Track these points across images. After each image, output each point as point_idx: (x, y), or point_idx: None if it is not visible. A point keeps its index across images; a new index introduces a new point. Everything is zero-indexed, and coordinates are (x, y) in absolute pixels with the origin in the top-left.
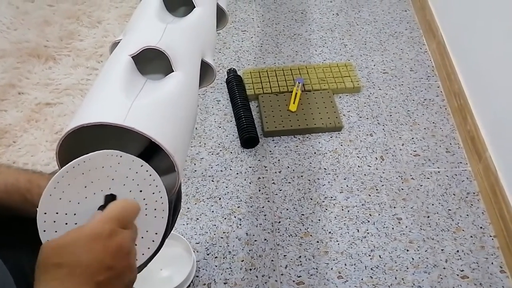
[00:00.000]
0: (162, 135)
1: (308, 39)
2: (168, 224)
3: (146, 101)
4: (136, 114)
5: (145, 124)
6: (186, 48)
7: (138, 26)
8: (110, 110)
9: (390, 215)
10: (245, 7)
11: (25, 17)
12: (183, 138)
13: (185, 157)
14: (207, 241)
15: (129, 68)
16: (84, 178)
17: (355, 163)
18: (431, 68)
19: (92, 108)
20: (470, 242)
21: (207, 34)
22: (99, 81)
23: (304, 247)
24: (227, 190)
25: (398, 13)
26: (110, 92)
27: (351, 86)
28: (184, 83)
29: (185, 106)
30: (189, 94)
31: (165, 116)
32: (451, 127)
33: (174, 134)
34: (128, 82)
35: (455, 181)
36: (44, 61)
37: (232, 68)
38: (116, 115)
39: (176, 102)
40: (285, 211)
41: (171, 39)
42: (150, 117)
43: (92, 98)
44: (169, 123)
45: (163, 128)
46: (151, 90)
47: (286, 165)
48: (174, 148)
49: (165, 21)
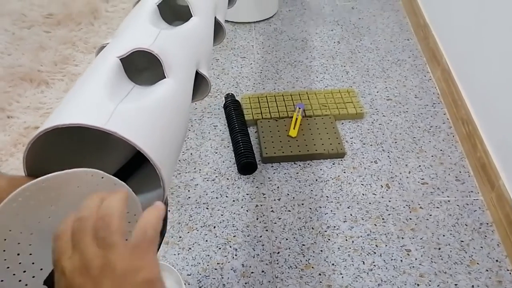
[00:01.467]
0: (148, 144)
1: (309, 66)
2: None
3: (132, 105)
4: (120, 118)
5: (129, 130)
6: (180, 56)
7: (130, 29)
8: (91, 112)
9: (398, 246)
10: (244, 35)
11: (20, 43)
12: (171, 150)
13: (173, 171)
14: (199, 273)
15: (116, 70)
16: (52, 196)
17: (359, 191)
18: (436, 95)
19: (70, 109)
20: (485, 277)
21: (202, 44)
22: (81, 81)
23: (305, 280)
24: (223, 218)
25: (400, 42)
26: (92, 93)
27: (353, 112)
28: (176, 91)
29: (175, 116)
30: (181, 104)
31: (152, 124)
32: (460, 154)
33: (162, 145)
34: (113, 84)
35: (466, 211)
36: (36, 85)
37: (230, 93)
38: (98, 117)
39: (165, 110)
40: (284, 241)
41: (164, 44)
42: (136, 123)
43: (72, 98)
44: (156, 131)
45: (149, 136)
46: (139, 95)
47: (286, 192)
48: (161, 159)
49: (159, 27)
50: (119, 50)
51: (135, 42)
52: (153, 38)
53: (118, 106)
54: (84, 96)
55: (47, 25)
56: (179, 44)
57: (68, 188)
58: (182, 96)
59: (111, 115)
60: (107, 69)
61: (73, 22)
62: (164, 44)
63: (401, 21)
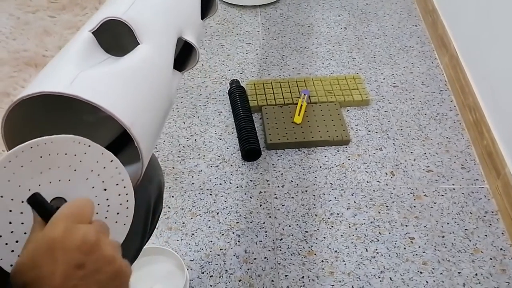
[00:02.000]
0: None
1: (315, 52)
2: (147, 229)
3: (98, 71)
4: (84, 83)
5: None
6: (157, 22)
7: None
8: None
9: (401, 234)
10: (250, 20)
11: (26, 27)
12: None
13: (154, 139)
14: (202, 258)
15: (87, 42)
16: (41, 163)
17: (364, 178)
18: (443, 82)
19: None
20: (489, 265)
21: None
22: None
23: (307, 267)
24: (226, 205)
25: (408, 28)
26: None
27: (359, 99)
28: (152, 56)
29: (151, 80)
30: (158, 68)
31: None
32: (466, 142)
33: (134, 107)
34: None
35: (471, 199)
36: (41, 70)
37: (235, 79)
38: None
39: (138, 74)
40: (287, 228)
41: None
42: (101, 86)
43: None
44: (126, 94)
45: (117, 98)
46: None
47: (289, 179)
48: (132, 121)
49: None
50: (92, 24)
51: (106, 13)
52: (126, 7)
53: (82, 72)
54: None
55: (52, 9)
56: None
57: (57, 155)
58: (159, 61)
59: (73, 80)
60: (78, 43)
61: (78, 7)
62: (138, 12)
63: (409, 6)
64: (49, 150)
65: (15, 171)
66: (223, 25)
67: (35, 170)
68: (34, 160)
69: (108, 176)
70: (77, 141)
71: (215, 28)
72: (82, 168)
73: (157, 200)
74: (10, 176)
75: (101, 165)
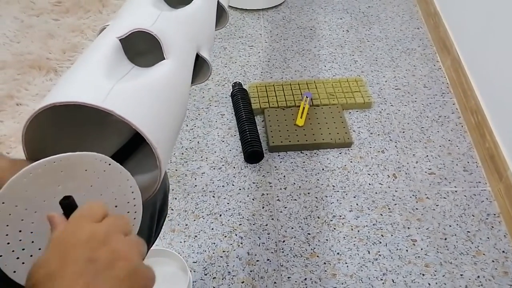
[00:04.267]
0: (145, 123)
1: (317, 55)
2: (152, 232)
3: (129, 85)
4: (117, 97)
5: (126, 108)
6: (180, 37)
7: (131, 10)
8: (88, 90)
9: (403, 236)
10: (253, 23)
11: (29, 30)
12: (169, 130)
13: (171, 152)
14: (205, 260)
15: (115, 50)
16: (61, 176)
17: (366, 180)
18: (445, 85)
19: (67, 88)
20: (491, 267)
21: (203, 27)
22: (80, 61)
23: (310, 269)
24: (229, 207)
25: (410, 31)
26: (90, 72)
27: (361, 101)
28: (174, 72)
29: (173, 96)
30: (179, 84)
31: (149, 103)
32: (468, 144)
33: (159, 124)
34: (112, 64)
35: (473, 201)
36: (45, 73)
37: (238, 82)
38: (95, 96)
39: (163, 90)
40: (290, 230)
41: (164, 26)
42: (133, 102)
43: (69, 77)
44: (153, 111)
45: (146, 115)
46: (137, 76)
47: (292, 181)
48: (157, 139)
49: (160, 9)
50: (119, 31)
51: (135, 23)
52: (153, 20)
53: (115, 85)
54: (81, 75)
55: (56, 12)
56: (179, 26)
57: (76, 170)
58: (181, 77)
59: (108, 94)
60: (105, 49)
61: (82, 10)
62: (164, 25)
63: (411, 9)
64: (70, 165)
65: (34, 183)
66: (226, 28)
67: (54, 183)
68: (54, 174)
69: (122, 194)
70: (98, 159)
71: (218, 31)
72: (99, 184)
73: (163, 203)
74: (29, 187)
75: (117, 183)
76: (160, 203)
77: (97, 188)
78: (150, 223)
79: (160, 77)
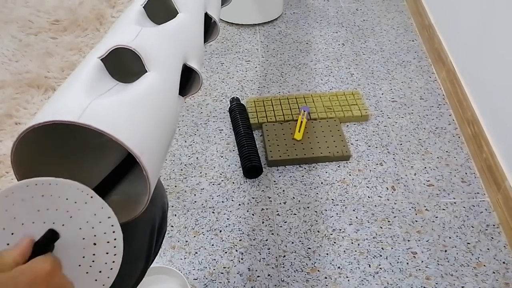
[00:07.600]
0: (124, 132)
1: (314, 69)
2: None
3: (110, 99)
4: (95, 112)
5: (104, 121)
6: (163, 50)
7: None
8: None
9: (404, 249)
10: (249, 38)
11: (28, 49)
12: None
13: (161, 164)
14: (206, 277)
15: (97, 70)
16: (41, 201)
17: (365, 193)
18: (441, 97)
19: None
20: (492, 279)
21: (190, 39)
22: (64, 84)
23: (311, 284)
24: (229, 222)
25: (405, 43)
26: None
27: (358, 114)
28: (159, 83)
29: (158, 108)
30: (164, 95)
31: (130, 114)
32: (466, 155)
33: (142, 134)
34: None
35: (472, 213)
36: (43, 91)
37: (235, 97)
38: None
39: (145, 100)
40: (290, 245)
41: (145, 40)
42: (111, 114)
43: (52, 100)
44: (134, 121)
45: (128, 127)
46: (119, 91)
47: (291, 195)
48: (141, 148)
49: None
50: (100, 51)
51: (115, 41)
52: (133, 36)
53: (94, 100)
54: (63, 96)
55: (54, 31)
56: (160, 40)
57: (58, 197)
58: (165, 88)
59: (85, 109)
60: (88, 70)
61: (79, 28)
62: (145, 40)
63: (406, 22)
64: (52, 191)
65: (15, 202)
66: (222, 44)
67: (34, 207)
68: (35, 197)
69: (101, 231)
70: (80, 189)
71: (215, 46)
72: (79, 217)
73: (161, 221)
74: (9, 206)
75: (98, 219)
76: (159, 221)
77: (77, 220)
78: (149, 241)
79: (142, 88)
